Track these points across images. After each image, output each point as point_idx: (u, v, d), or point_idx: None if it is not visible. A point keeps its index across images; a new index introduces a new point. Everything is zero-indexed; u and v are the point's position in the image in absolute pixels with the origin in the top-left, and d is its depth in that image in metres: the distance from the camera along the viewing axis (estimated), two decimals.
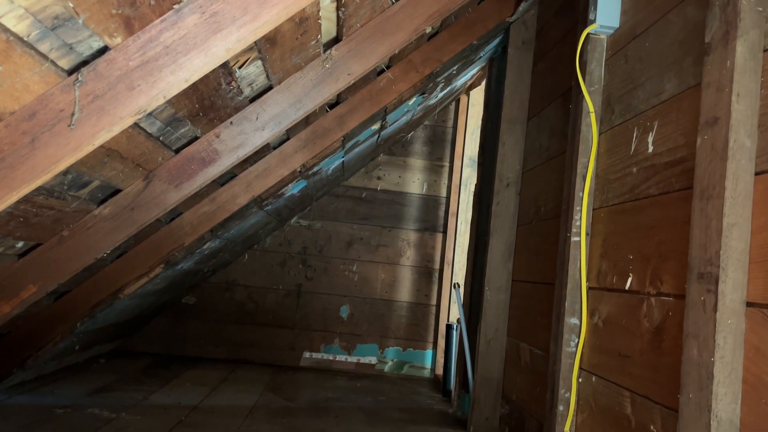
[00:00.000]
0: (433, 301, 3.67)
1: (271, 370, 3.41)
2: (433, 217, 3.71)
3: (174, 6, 1.04)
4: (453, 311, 3.52)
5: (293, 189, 2.80)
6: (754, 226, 0.99)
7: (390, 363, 3.64)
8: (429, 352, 3.65)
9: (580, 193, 1.62)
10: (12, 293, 1.70)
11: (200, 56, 1.05)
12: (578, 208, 1.62)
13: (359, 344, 3.63)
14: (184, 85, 1.07)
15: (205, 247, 2.65)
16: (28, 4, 0.87)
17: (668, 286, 1.23)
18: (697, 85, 1.20)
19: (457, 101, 3.73)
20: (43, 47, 0.98)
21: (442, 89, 2.99)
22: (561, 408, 1.58)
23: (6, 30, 0.89)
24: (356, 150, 2.96)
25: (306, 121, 2.14)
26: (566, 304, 1.60)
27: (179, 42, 1.04)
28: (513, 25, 2.47)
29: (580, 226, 1.61)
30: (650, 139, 1.37)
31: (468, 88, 3.54)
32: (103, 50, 1.05)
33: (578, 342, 1.58)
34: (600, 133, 1.63)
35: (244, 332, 3.61)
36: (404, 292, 3.67)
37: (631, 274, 1.38)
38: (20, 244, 1.63)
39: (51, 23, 0.94)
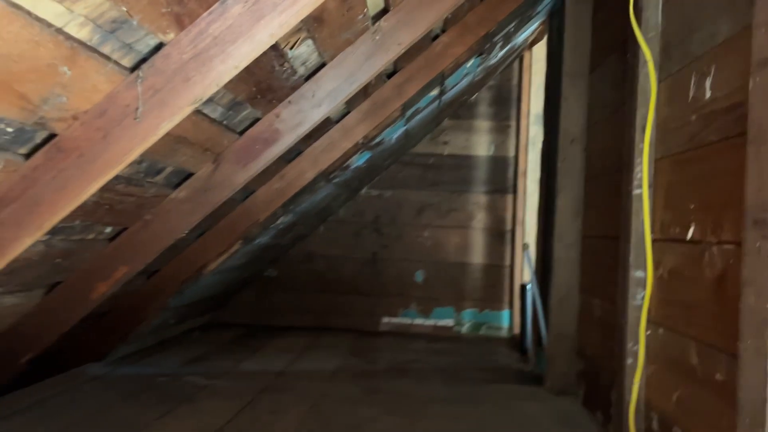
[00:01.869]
0: (507, 262, 3.68)
1: (353, 336, 3.53)
2: (502, 178, 3.69)
3: None
4: (527, 271, 3.52)
5: (358, 161, 2.87)
6: None
7: (467, 324, 3.69)
8: (506, 312, 3.67)
9: (641, 145, 1.59)
10: (106, 275, 1.86)
11: (247, 44, 1.12)
12: (639, 160, 1.59)
13: (436, 308, 3.70)
14: (234, 72, 1.14)
15: (278, 222, 2.77)
16: (86, 12, 0.96)
17: (729, 234, 1.20)
18: (751, 24, 1.15)
19: (521, 58, 3.66)
20: (106, 49, 1.07)
21: (501, 48, 2.95)
22: (630, 361, 1.58)
23: (70, 38, 0.98)
24: (418, 117, 2.98)
25: (365, 92, 2.18)
26: (631, 257, 1.59)
27: (226, 32, 1.11)
28: None
29: (641, 178, 1.58)
30: (707, 85, 1.32)
31: (530, 44, 3.46)
32: (159, 46, 1.14)
33: (644, 295, 1.56)
34: (659, 82, 1.59)
35: (325, 301, 3.76)
36: (477, 255, 3.69)
37: (693, 224, 1.36)
38: (109, 230, 1.78)
39: (110, 27, 1.03)
